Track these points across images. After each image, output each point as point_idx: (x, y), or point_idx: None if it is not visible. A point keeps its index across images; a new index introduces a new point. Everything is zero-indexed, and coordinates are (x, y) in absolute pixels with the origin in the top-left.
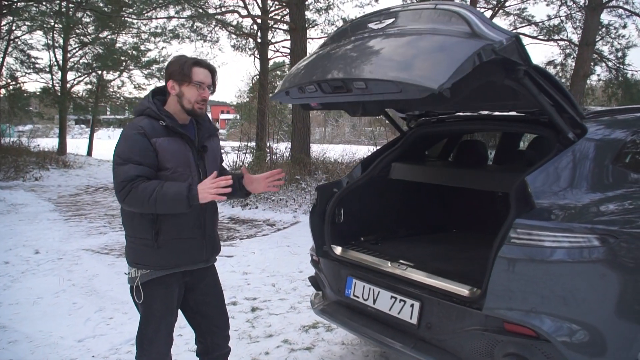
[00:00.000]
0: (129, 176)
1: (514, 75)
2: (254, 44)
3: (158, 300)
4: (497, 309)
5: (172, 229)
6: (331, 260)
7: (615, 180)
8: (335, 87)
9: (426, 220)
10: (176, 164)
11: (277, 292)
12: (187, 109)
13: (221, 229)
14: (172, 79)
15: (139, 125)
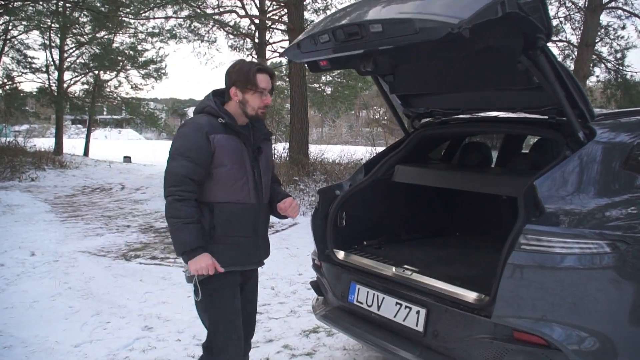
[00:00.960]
0: (179, 175)
1: (532, 47)
2: (251, 44)
3: (227, 302)
4: (507, 316)
5: (228, 226)
6: (334, 264)
7: (625, 185)
8: (350, 33)
9: (428, 223)
10: (233, 161)
11: (276, 295)
12: (251, 115)
13: None
14: (235, 86)
15: (198, 122)
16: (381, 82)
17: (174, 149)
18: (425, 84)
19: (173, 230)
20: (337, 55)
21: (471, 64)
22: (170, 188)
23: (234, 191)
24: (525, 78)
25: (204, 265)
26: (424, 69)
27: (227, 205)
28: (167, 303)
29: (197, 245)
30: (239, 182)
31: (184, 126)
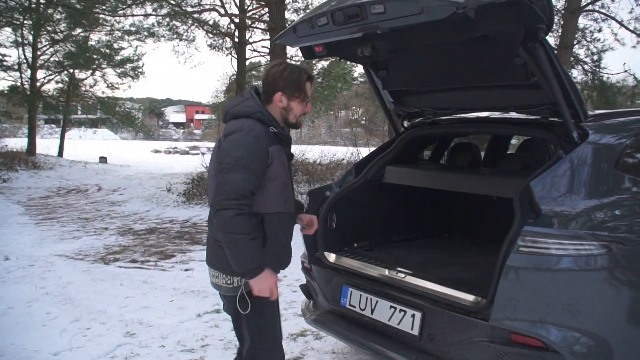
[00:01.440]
0: (241, 188)
1: (532, 39)
2: (231, 43)
3: (269, 309)
4: (505, 319)
5: (276, 236)
6: (324, 267)
7: (618, 186)
8: (350, 15)
9: (418, 225)
10: (285, 173)
11: None
12: (292, 122)
13: (200, 232)
14: (283, 92)
15: (255, 130)
16: (374, 78)
17: (234, 159)
18: (419, 80)
19: (236, 247)
20: (335, 39)
21: (467, 57)
22: (230, 201)
23: (282, 202)
24: (522, 74)
25: (268, 284)
26: (418, 64)
27: (276, 216)
28: (149, 308)
29: (261, 263)
30: (286, 192)
31: (240, 133)
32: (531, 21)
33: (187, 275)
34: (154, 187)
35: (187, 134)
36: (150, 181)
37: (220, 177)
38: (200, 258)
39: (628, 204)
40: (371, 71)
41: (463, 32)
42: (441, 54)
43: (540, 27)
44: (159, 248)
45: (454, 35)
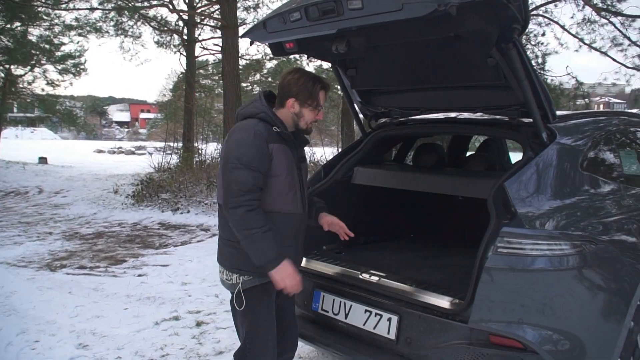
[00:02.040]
0: (247, 184)
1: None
2: (179, 40)
3: (264, 310)
4: (484, 321)
5: (278, 236)
6: None
7: (586, 186)
8: (325, 11)
9: (385, 225)
10: (287, 171)
11: (221, 303)
12: (302, 128)
13: (152, 235)
14: (295, 98)
15: (255, 129)
16: (342, 77)
17: (236, 158)
18: (388, 79)
19: (252, 242)
20: (308, 35)
21: (437, 57)
22: (239, 198)
23: (287, 201)
24: (493, 74)
25: (287, 274)
26: (388, 63)
27: (279, 215)
28: (102, 317)
29: (279, 253)
30: (291, 192)
31: (241, 132)
32: (507, 21)
33: (141, 281)
34: (100, 188)
35: (131, 134)
36: (95, 182)
37: (226, 177)
38: (154, 263)
39: (596, 204)
40: (340, 70)
41: (442, 31)
42: (411, 53)
43: (515, 27)
44: (108, 253)
45: (433, 33)
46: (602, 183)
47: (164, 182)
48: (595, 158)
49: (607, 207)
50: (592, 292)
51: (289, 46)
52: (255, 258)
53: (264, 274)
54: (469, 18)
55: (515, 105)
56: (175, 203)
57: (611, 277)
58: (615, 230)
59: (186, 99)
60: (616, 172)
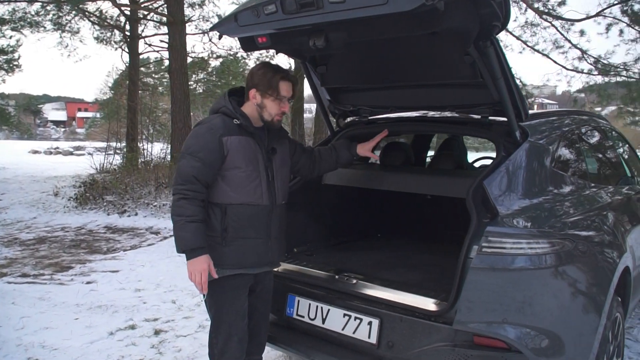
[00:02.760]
0: (187, 175)
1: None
2: (120, 36)
3: (227, 303)
4: (469, 322)
5: (240, 228)
6: None
7: (559, 184)
8: (303, 3)
9: (353, 225)
10: (247, 163)
11: (179, 309)
12: (267, 120)
13: (98, 240)
14: (256, 89)
15: (211, 122)
16: (311, 74)
17: (185, 148)
18: (359, 77)
19: (176, 228)
20: (283, 29)
21: (411, 54)
22: (177, 186)
23: (247, 193)
24: (469, 72)
25: (198, 269)
26: (359, 60)
27: (239, 207)
28: (51, 328)
29: (198, 246)
30: (253, 183)
31: (198, 125)
32: (488, 18)
33: (91, 289)
34: (38, 191)
35: (68, 133)
36: (33, 185)
37: (176, 165)
38: (103, 269)
39: (568, 201)
40: (310, 67)
41: (426, 27)
42: (383, 50)
43: (495, 25)
44: (52, 259)
45: (417, 29)
46: (571, 180)
47: (109, 184)
48: (563, 156)
49: (578, 204)
50: (573, 289)
51: (262, 41)
52: (177, 244)
53: (228, 267)
54: (452, 14)
55: (487, 103)
56: (121, 205)
57: (589, 274)
58: (586, 227)
59: (129, 97)
60: (582, 169)
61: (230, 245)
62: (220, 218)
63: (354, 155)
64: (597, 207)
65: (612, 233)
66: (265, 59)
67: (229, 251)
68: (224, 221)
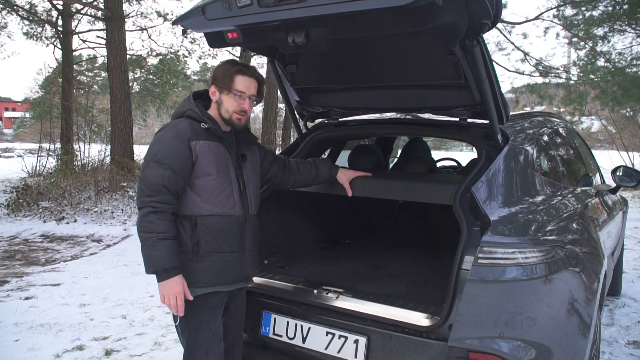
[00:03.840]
0: (155, 185)
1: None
2: (53, 32)
3: (203, 326)
4: (465, 338)
5: (212, 241)
6: None
7: (543, 187)
8: None
9: (321, 232)
10: (217, 170)
11: (131, 325)
12: (224, 118)
13: (35, 249)
14: (214, 84)
15: (177, 127)
16: (280, 73)
17: (150, 155)
18: (332, 77)
19: (145, 246)
20: (257, 23)
21: (389, 54)
22: (144, 198)
23: (219, 203)
24: (452, 73)
25: (172, 292)
26: (332, 59)
27: (211, 218)
28: None
29: (171, 265)
30: (224, 192)
31: (162, 130)
32: (478, 15)
33: (30, 305)
34: None
35: None
36: None
37: (140, 175)
38: (42, 282)
39: (553, 206)
40: (279, 66)
41: (421, 23)
42: (358, 49)
43: (485, 22)
44: None
45: (410, 26)
46: (551, 184)
47: (44, 189)
48: (541, 159)
49: (562, 208)
50: (567, 297)
51: (232, 36)
52: (146, 264)
53: (203, 285)
54: (447, 10)
55: (466, 105)
56: (59, 212)
57: (580, 281)
58: (573, 232)
59: (64, 96)
60: (557, 172)
61: (203, 261)
62: (190, 231)
63: (334, 178)
64: (578, 211)
65: (593, 238)
66: (213, 57)
67: (202, 268)
68: (194, 235)
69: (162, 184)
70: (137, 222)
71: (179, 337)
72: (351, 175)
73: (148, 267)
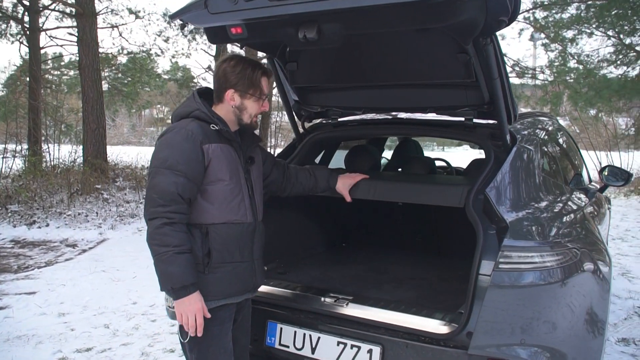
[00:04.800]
0: (169, 193)
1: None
2: (18, 29)
3: (214, 343)
4: (487, 346)
5: (225, 251)
6: None
7: (551, 189)
8: None
9: (319, 235)
10: (230, 175)
11: (115, 335)
12: (246, 123)
13: (5, 256)
14: (234, 89)
15: (187, 129)
16: (279, 71)
17: (160, 161)
18: (333, 75)
19: (160, 261)
20: (265, 18)
21: (395, 51)
22: (156, 208)
23: (232, 210)
24: (462, 72)
25: (191, 310)
26: (335, 57)
27: (223, 227)
28: None
29: (190, 282)
30: (236, 198)
31: (169, 133)
32: (495, 12)
33: (5, 316)
34: None
35: None
36: None
37: (148, 183)
38: (16, 290)
39: (563, 207)
40: (279, 64)
41: (441, 19)
42: (363, 46)
43: (502, 19)
44: None
45: (430, 21)
46: (556, 185)
47: (13, 192)
48: (545, 160)
49: (569, 209)
50: (586, 299)
51: (236, 32)
52: (161, 281)
53: (214, 298)
54: (468, 6)
55: (473, 105)
56: (30, 216)
57: (595, 281)
58: (583, 233)
59: (31, 95)
60: (559, 172)
61: (215, 272)
62: (201, 241)
63: (332, 189)
64: (583, 212)
65: (599, 239)
66: (187, 57)
67: (213, 279)
68: (205, 245)
69: (177, 192)
70: (149, 234)
71: (186, 354)
72: (350, 183)
73: (164, 284)
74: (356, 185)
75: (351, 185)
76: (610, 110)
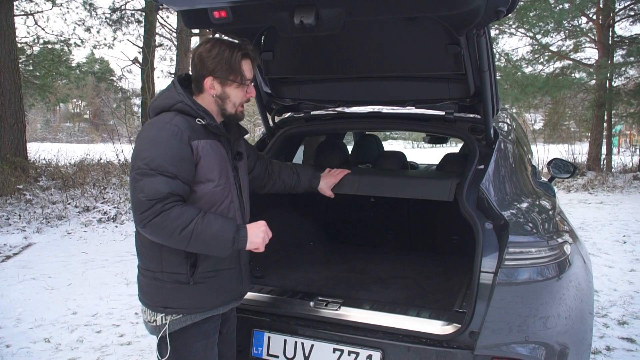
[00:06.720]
0: (160, 193)
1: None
2: None
3: (199, 356)
4: (493, 346)
5: (212, 258)
6: None
7: (533, 183)
8: None
9: (288, 234)
10: (220, 174)
11: (57, 350)
12: (230, 113)
13: None
14: (213, 76)
15: (172, 124)
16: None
17: (144, 162)
18: (310, 67)
19: (198, 234)
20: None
21: (381, 41)
22: (152, 209)
23: (221, 213)
24: (451, 64)
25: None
26: (313, 47)
27: None
28: None
29: (234, 223)
30: (226, 200)
31: (152, 129)
32: (496, 2)
33: None
34: None
35: None
36: None
37: (133, 187)
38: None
39: (548, 202)
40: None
41: (453, 6)
42: (344, 36)
43: (500, 10)
44: None
45: (442, 8)
46: (534, 179)
47: None
48: (521, 154)
49: (549, 202)
50: (580, 289)
51: (219, 15)
52: (218, 247)
53: (199, 311)
54: None
55: (456, 98)
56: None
57: (585, 271)
58: (565, 225)
59: None
60: (529, 166)
61: (202, 282)
62: (187, 251)
63: (314, 189)
64: (556, 204)
65: (573, 229)
66: (109, 47)
67: (200, 290)
68: (191, 254)
69: (168, 192)
70: (164, 232)
71: None
72: (334, 182)
73: (223, 245)
74: (340, 180)
75: (334, 185)
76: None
